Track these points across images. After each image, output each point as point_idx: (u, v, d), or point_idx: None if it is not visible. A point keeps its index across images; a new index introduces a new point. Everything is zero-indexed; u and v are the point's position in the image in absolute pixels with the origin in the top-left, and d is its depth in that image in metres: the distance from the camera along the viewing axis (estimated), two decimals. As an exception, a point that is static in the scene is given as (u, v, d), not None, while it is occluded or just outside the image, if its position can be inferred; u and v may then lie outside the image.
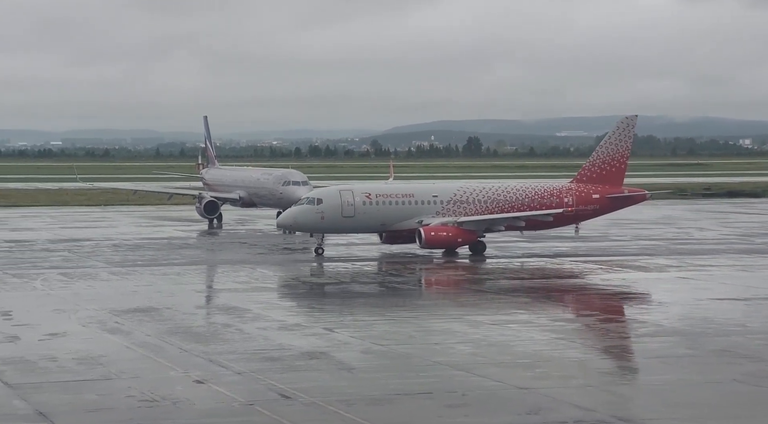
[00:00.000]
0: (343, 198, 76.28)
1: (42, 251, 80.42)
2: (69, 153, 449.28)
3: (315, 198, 76.45)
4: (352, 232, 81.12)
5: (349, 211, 76.03)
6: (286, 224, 77.10)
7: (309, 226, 76.23)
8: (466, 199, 79.46)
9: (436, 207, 78.42)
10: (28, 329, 47.45)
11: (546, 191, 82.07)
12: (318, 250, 77.03)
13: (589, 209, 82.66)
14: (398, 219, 77.77)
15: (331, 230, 78.18)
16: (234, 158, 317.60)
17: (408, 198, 78.47)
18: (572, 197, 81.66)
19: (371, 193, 78.19)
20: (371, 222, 77.57)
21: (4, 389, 35.69)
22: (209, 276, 68.66)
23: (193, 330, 47.26)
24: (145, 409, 33.07)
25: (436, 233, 75.45)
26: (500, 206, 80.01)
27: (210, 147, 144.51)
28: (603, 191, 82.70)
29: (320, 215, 75.17)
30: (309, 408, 33.24)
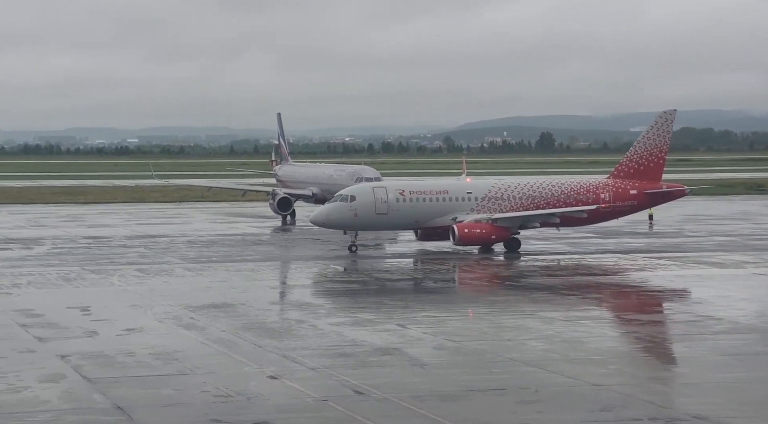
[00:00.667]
0: (377, 195, 75.72)
1: (119, 247, 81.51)
2: (145, 150, 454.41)
3: (348, 195, 75.86)
4: (386, 229, 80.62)
5: (382, 208, 75.46)
6: (320, 221, 76.27)
7: (342, 223, 75.61)
8: (501, 196, 78.62)
9: (471, 204, 77.73)
10: (106, 324, 48.19)
11: (582, 187, 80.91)
12: (352, 247, 76.42)
13: (626, 205, 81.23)
14: (432, 216, 77.09)
15: (364, 227, 77.19)
16: (307, 155, 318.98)
17: (442, 195, 77.82)
18: (609, 193, 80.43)
19: (405, 190, 77.64)
20: (405, 219, 76.95)
21: (83, 383, 36.30)
22: (283, 272, 69.12)
23: (266, 326, 47.66)
24: (220, 404, 33.44)
25: (470, 230, 74.78)
26: (536, 203, 79.00)
27: (283, 144, 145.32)
28: (641, 187, 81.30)
29: (353, 212, 74.69)
30: (382, 404, 33.39)
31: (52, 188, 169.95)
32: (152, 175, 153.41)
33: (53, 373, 37.80)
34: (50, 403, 33.62)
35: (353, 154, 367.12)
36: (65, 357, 40.35)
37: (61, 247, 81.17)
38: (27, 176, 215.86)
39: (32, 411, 32.56)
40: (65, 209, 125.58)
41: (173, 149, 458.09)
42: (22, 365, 39.14)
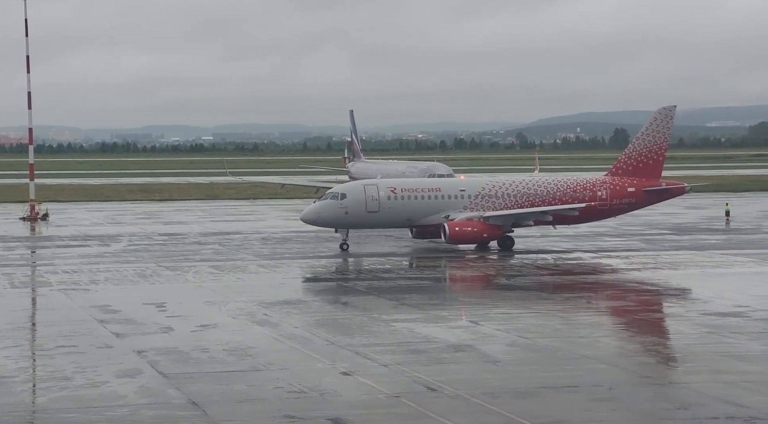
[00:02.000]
0: (368, 193, 75.17)
1: (194, 244, 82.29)
2: (219, 148, 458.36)
3: (339, 193, 75.36)
4: (378, 227, 79.81)
5: (373, 206, 74.94)
6: (310, 219, 75.68)
7: (332, 221, 75.18)
8: (495, 194, 77.76)
9: (464, 202, 77.00)
10: (181, 320, 48.70)
11: (579, 185, 79.76)
12: (343, 246, 75.84)
13: (624, 203, 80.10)
14: (425, 214, 76.40)
15: (355, 226, 76.59)
16: (379, 151, 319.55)
17: (435, 193, 77.03)
18: (606, 191, 79.35)
19: (397, 187, 76.87)
20: (397, 217, 76.24)
21: (159, 378, 36.73)
22: (355, 268, 69.29)
23: (339, 322, 47.84)
24: (293, 400, 33.64)
25: (461, 228, 74.03)
26: (530, 200, 78.02)
27: (356, 141, 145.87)
28: (639, 184, 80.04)
29: (344, 210, 74.28)
30: (454, 401, 33.36)
31: (128, 186, 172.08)
32: (226, 172, 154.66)
33: (130, 368, 38.30)
34: (127, 398, 34.06)
35: (425, 151, 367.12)
36: (141, 353, 40.86)
37: (137, 244, 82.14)
38: (104, 174, 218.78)
39: (110, 405, 33.02)
40: (141, 207, 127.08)
41: (247, 146, 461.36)
42: (100, 360, 39.70)
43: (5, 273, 64.86)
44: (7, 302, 54.32)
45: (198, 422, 31.34)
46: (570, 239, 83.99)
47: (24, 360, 40.26)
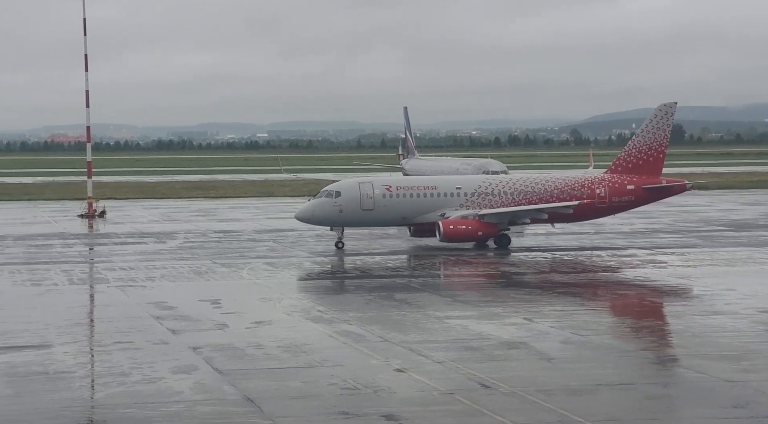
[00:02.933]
0: (363, 191, 74.68)
1: (248, 241, 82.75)
2: (274, 145, 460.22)
3: (333, 191, 74.88)
4: (373, 225, 79.30)
5: (368, 204, 74.45)
6: (305, 217, 75.36)
7: (327, 219, 74.73)
8: (491, 191, 77.06)
9: (460, 200, 76.31)
10: (236, 317, 49.03)
11: (577, 182, 78.87)
12: (338, 244, 75.49)
13: (623, 201, 79.03)
14: (420, 212, 75.82)
15: (350, 224, 76.07)
16: (433, 148, 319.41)
17: (430, 190, 76.41)
18: (605, 188, 78.36)
19: (392, 185, 76.46)
20: (392, 215, 75.69)
21: (214, 375, 37.01)
22: (409, 265, 69.33)
23: (393, 319, 47.92)
24: (348, 397, 33.76)
25: (455, 226, 73.49)
26: (527, 198, 77.23)
27: (410, 137, 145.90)
28: (639, 182, 78.93)
29: (338, 208, 73.86)
30: (509, 398, 33.31)
31: (184, 183, 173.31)
32: (281, 169, 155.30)
33: (186, 364, 38.62)
34: (183, 394, 34.36)
35: (479, 148, 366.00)
36: (197, 349, 41.18)
37: (193, 241, 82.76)
38: (160, 171, 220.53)
39: (166, 401, 33.33)
40: (197, 204, 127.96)
41: (301, 144, 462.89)
42: (156, 356, 40.08)
43: (64, 270, 65.67)
44: (66, 299, 54.99)
45: (253, 418, 31.54)
46: (625, 235, 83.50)
47: (82, 356, 40.75)
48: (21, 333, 44.86)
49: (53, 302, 53.92)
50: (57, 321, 47.59)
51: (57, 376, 36.86)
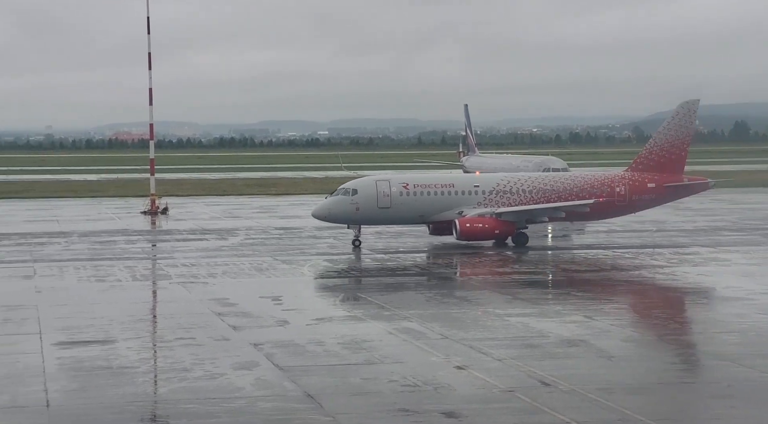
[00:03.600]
0: (379, 188, 74.15)
1: (309, 238, 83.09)
2: (335, 142, 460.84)
3: (350, 188, 74.50)
4: (389, 223, 78.69)
5: (384, 202, 73.92)
6: (321, 215, 75.08)
7: (343, 217, 74.32)
8: (510, 189, 76.31)
9: (478, 197, 75.62)
10: (297, 313, 49.31)
11: (596, 181, 77.98)
12: (355, 242, 75.14)
13: (644, 199, 78.05)
14: (437, 210, 75.19)
15: (366, 222, 75.52)
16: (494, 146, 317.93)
17: (448, 188, 75.72)
18: (625, 186, 77.42)
19: (409, 183, 75.78)
20: (409, 213, 75.09)
21: (275, 371, 37.27)
22: (470, 262, 69.27)
23: (453, 316, 47.94)
24: (408, 394, 33.84)
25: (472, 224, 72.82)
26: (546, 196, 76.38)
27: (470, 135, 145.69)
28: (660, 180, 77.95)
29: (355, 206, 73.44)
30: (568, 396, 33.21)
31: (245, 180, 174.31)
32: (341, 166, 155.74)
33: (247, 360, 38.93)
34: (244, 390, 34.65)
35: (540, 145, 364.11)
36: (258, 345, 41.48)
37: (254, 238, 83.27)
38: (222, 168, 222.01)
39: (228, 397, 33.63)
40: (258, 201, 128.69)
41: (362, 141, 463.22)
42: (218, 352, 40.44)
43: (127, 266, 66.42)
44: (129, 295, 55.63)
45: (313, 414, 31.73)
46: (687, 233, 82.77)
47: (145, 351, 41.22)
48: (86, 329, 45.48)
49: (117, 298, 54.59)
50: (120, 317, 48.19)
51: (121, 371, 37.34)
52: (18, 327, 45.94)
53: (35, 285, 58.53)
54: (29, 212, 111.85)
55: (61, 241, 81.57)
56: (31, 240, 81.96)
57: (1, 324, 46.60)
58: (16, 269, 65.12)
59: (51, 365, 38.29)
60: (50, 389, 34.75)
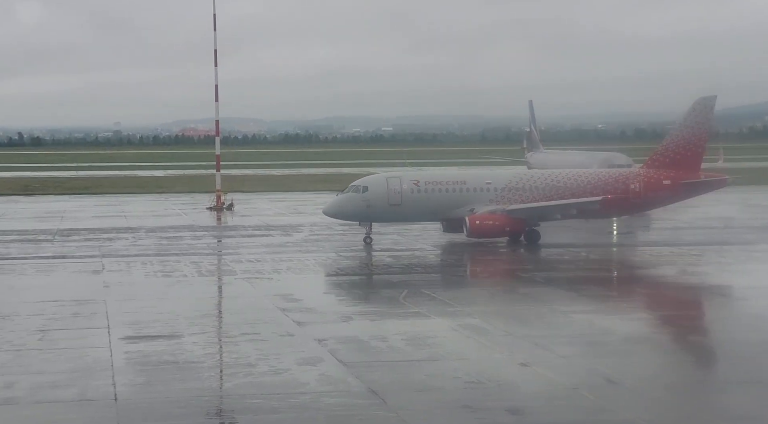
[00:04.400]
0: (390, 186, 73.66)
1: (373, 234, 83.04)
2: (399, 138, 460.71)
3: (361, 186, 74.16)
4: (400, 221, 77.97)
5: (395, 199, 73.39)
6: (332, 212, 74.81)
7: (354, 214, 74.02)
8: (522, 186, 75.31)
9: (490, 194, 74.65)
10: (360, 309, 49.45)
11: (611, 177, 76.90)
12: (366, 239, 74.72)
13: (659, 196, 76.77)
14: (449, 207, 74.37)
15: (377, 219, 75.10)
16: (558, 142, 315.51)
17: (460, 185, 74.94)
18: (639, 184, 76.16)
19: (420, 180, 75.14)
20: (420, 210, 74.50)
21: (339, 367, 37.42)
22: (531, 259, 68.96)
23: (517, 313, 47.80)
24: (471, 390, 33.81)
25: (482, 221, 71.91)
26: (559, 193, 75.27)
27: (535, 131, 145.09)
28: (676, 177, 76.61)
29: (366, 204, 73.13)
30: (634, 394, 32.99)
31: (310, 176, 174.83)
32: (404, 162, 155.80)
33: (311, 356, 39.11)
34: (308, 385, 34.82)
35: (605, 141, 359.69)
36: (322, 341, 41.65)
37: (319, 233, 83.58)
38: (287, 165, 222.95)
39: (292, 392, 33.83)
40: (322, 197, 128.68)
41: (426, 137, 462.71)
42: (282, 348, 40.68)
43: (193, 261, 66.99)
44: (195, 290, 56.11)
45: (377, 410, 31.82)
46: (754, 230, 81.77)
47: (211, 346, 41.58)
48: (152, 323, 45.97)
49: (183, 293, 55.10)
50: (186, 312, 48.64)
51: (186, 365, 37.70)
52: (87, 321, 46.57)
53: (103, 280, 59.27)
54: (98, 207, 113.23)
55: (128, 236, 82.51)
56: (100, 235, 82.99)
57: (71, 318, 47.25)
58: (85, 264, 65.99)
59: (119, 359, 38.77)
60: (118, 382, 35.20)
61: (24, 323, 46.02)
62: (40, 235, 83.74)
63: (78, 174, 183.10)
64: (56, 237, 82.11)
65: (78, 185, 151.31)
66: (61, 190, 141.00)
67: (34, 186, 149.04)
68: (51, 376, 36.26)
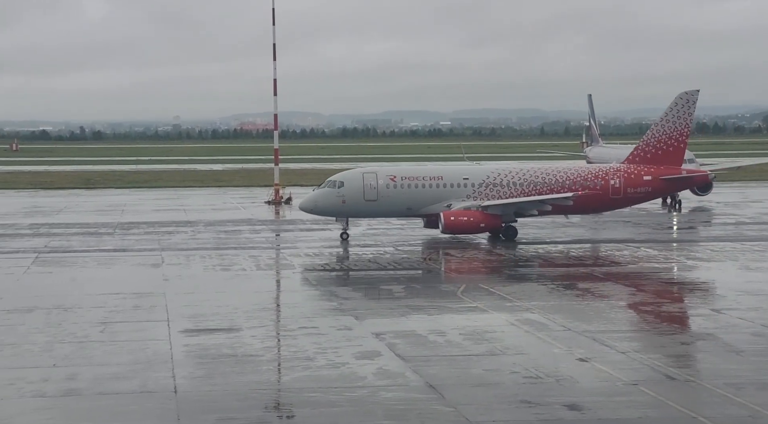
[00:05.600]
0: (366, 181, 72.96)
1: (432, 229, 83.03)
2: (457, 133, 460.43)
3: (337, 181, 73.46)
4: (376, 216, 77.21)
5: (371, 194, 72.71)
6: (308, 207, 74.25)
7: (330, 210, 73.45)
8: (500, 182, 74.36)
9: (467, 190, 73.84)
10: (418, 303, 49.25)
11: (590, 173, 75.88)
12: (343, 235, 74.25)
13: (639, 192, 75.91)
14: (425, 203, 73.62)
15: (353, 214, 74.37)
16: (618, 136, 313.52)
17: (436, 181, 74.06)
18: (619, 179, 75.28)
19: (396, 175, 74.25)
20: (396, 206, 73.73)
21: (397, 361, 37.38)
22: (592, 254, 68.54)
23: (576, 308, 47.49)
24: (530, 385, 33.64)
25: (456, 217, 70.97)
26: (537, 189, 74.35)
27: (594, 125, 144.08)
28: (656, 173, 75.82)
29: (341, 199, 72.49)
30: (695, 390, 32.65)
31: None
32: (463, 157, 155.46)
33: (369, 350, 39.12)
34: (366, 379, 34.82)
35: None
36: (380, 335, 41.65)
37: (376, 228, 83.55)
38: (345, 159, 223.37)
39: (350, 386, 33.85)
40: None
41: (484, 131, 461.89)
42: (340, 341, 40.72)
43: (252, 255, 67.32)
44: (253, 284, 56.38)
45: (435, 405, 31.75)
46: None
47: (269, 340, 41.74)
48: (212, 316, 46.24)
49: (241, 286, 55.37)
50: (245, 305, 48.87)
51: (245, 359, 37.87)
52: (147, 314, 46.96)
53: (163, 273, 59.74)
54: (157, 201, 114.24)
55: (187, 230, 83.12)
56: (159, 229, 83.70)
57: (131, 311, 47.67)
58: (145, 257, 66.56)
59: (178, 351, 39.04)
60: (177, 375, 35.43)
61: (86, 316, 46.52)
62: (101, 228, 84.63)
63: (138, 168, 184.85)
64: (117, 230, 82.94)
65: (138, 179, 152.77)
66: (122, 184, 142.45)
67: (95, 180, 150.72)
68: (112, 368, 36.60)
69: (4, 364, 37.66)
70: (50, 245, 73.52)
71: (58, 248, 71.85)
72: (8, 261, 65.21)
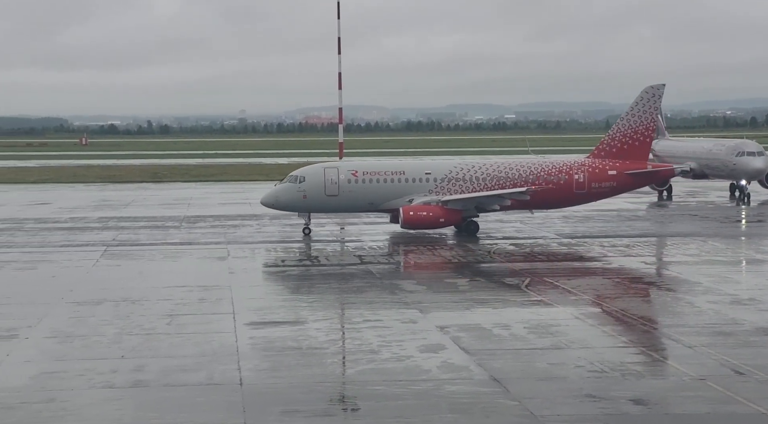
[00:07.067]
0: (327, 176, 72.25)
1: (495, 221, 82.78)
2: (522, 126, 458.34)
3: (298, 176, 72.84)
4: (338, 211, 76.39)
5: (332, 189, 72.05)
6: (269, 202, 73.66)
7: (291, 205, 72.88)
8: (462, 177, 73.39)
9: (429, 185, 72.90)
10: (482, 297, 49.17)
11: (554, 168, 74.74)
12: (305, 230, 73.72)
13: (603, 187, 74.79)
14: (387, 198, 72.74)
15: (314, 210, 73.68)
16: (685, 129, 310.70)
17: (398, 176, 73.22)
18: (584, 174, 74.20)
19: (358, 170, 73.56)
20: (357, 201, 73.00)
21: (462, 354, 37.39)
22: (659, 248, 67.99)
23: (642, 302, 47.18)
24: (595, 379, 33.48)
25: (416, 212, 70.16)
26: (500, 184, 73.35)
27: (660, 118, 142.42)
28: (621, 167, 74.73)
29: (302, 194, 71.88)
30: (764, 386, 32.29)
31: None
32: (528, 150, 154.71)
33: (433, 343, 39.16)
34: (431, 372, 34.88)
35: (734, 128, 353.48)
36: (444, 329, 41.67)
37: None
38: (409, 152, 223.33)
39: (414, 379, 33.92)
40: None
41: (549, 125, 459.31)
42: (405, 334, 40.81)
43: (317, 249, 67.63)
44: (317, 277, 56.63)
45: (499, 398, 31.72)
46: None
47: (334, 333, 41.92)
48: (277, 309, 46.55)
49: (306, 279, 55.60)
50: (309, 298, 49.09)
51: (310, 352, 38.09)
52: (213, 307, 47.37)
53: (229, 266, 60.21)
54: (223, 194, 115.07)
55: (253, 223, 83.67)
56: (225, 222, 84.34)
57: (198, 304, 48.12)
58: (211, 250, 67.12)
59: (244, 344, 39.35)
60: (243, 367, 35.74)
61: (153, 308, 47.05)
62: (168, 221, 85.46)
63: (205, 161, 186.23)
64: (183, 224, 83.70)
65: (205, 172, 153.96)
66: (188, 178, 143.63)
67: (162, 173, 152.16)
68: (179, 360, 37.00)
69: (74, 355, 38.25)
70: (118, 238, 74.40)
71: (126, 241, 72.71)
72: (78, 254, 66.11)
